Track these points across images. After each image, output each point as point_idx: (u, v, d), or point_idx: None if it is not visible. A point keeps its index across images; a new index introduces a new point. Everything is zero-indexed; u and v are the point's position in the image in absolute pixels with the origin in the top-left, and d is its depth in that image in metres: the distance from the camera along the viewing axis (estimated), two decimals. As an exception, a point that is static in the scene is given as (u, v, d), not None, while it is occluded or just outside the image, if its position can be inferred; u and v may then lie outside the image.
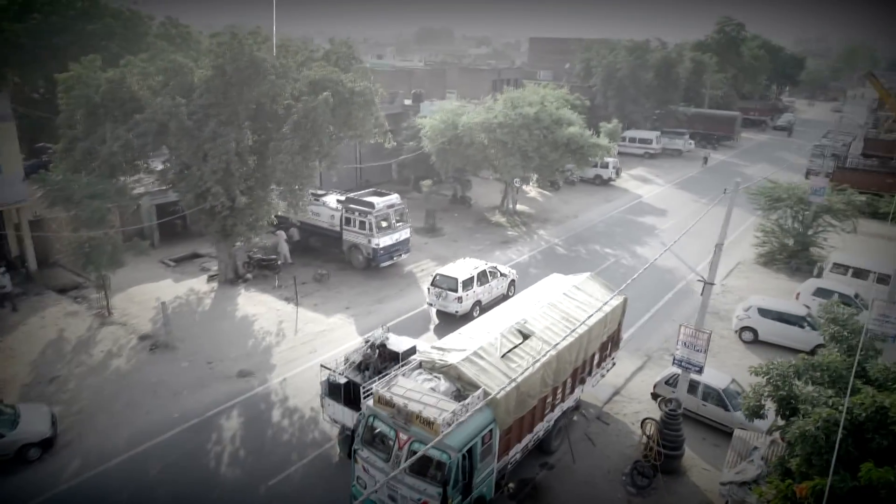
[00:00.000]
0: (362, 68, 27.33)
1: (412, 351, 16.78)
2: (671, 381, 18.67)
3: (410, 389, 13.06)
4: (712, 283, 15.58)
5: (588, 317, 16.87)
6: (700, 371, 16.06)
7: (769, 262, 32.11)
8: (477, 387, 13.33)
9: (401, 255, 29.80)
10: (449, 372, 13.78)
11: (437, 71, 63.89)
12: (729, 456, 14.22)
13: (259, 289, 27.13)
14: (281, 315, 24.74)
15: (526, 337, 15.43)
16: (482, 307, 24.61)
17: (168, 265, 29.36)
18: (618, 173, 49.82)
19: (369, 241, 28.46)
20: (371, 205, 28.38)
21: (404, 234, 29.79)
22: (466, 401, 12.75)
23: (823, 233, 31.82)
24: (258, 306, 25.47)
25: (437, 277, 24.70)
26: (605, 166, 47.66)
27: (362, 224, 28.52)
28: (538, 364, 14.52)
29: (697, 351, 15.80)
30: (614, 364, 19.60)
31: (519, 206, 41.12)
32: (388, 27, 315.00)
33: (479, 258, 31.49)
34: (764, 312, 23.52)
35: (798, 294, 26.15)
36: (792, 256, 31.54)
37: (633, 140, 60.24)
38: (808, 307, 25.18)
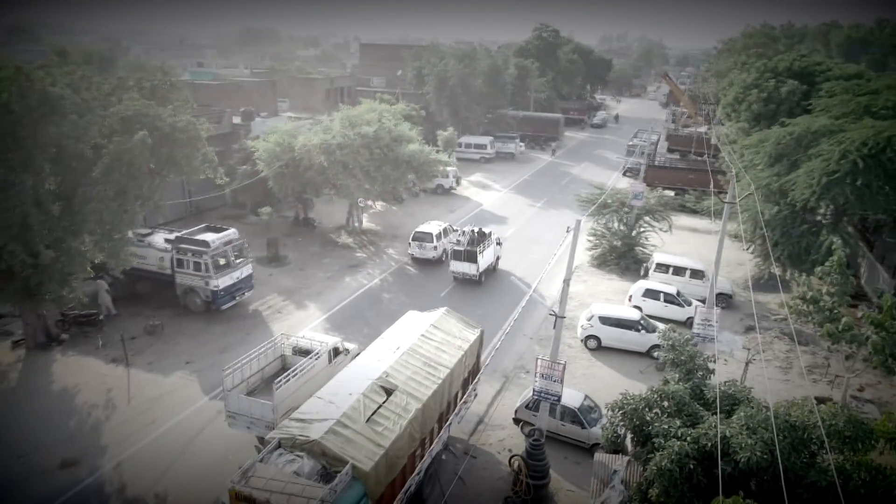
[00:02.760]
0: (184, 99, 24.86)
1: (491, 234, 32.38)
2: (531, 406, 19.21)
3: (271, 479, 11.95)
4: (563, 317, 16.16)
5: (449, 358, 16.81)
6: (558, 400, 16.63)
7: (602, 264, 34.56)
8: (344, 461, 12.53)
9: (244, 293, 27.79)
10: (312, 448, 12.82)
11: (266, 82, 60.82)
12: (592, 484, 14.83)
13: (79, 351, 23.78)
14: (109, 381, 21.83)
15: (389, 393, 14.88)
16: (447, 253, 33.03)
17: (-43, 333, 24.77)
18: (458, 182, 50.98)
19: (207, 283, 26.16)
20: (205, 243, 26.08)
21: (245, 270, 27.81)
22: (335, 482, 11.91)
23: (645, 233, 34.89)
24: (80, 374, 22.27)
25: (417, 234, 33.74)
26: (446, 176, 48.39)
27: (197, 265, 26.12)
28: (405, 422, 14.08)
29: (554, 381, 16.33)
30: (476, 395, 19.75)
31: (365, 224, 40.46)
32: (207, 26, 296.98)
33: (328, 286, 30.60)
34: (604, 320, 25.14)
35: (630, 297, 28.37)
36: (621, 257, 34.21)
37: (468, 146, 62.05)
38: (640, 308, 27.46)
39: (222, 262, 26.71)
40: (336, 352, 19.92)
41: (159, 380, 22.07)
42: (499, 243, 33.55)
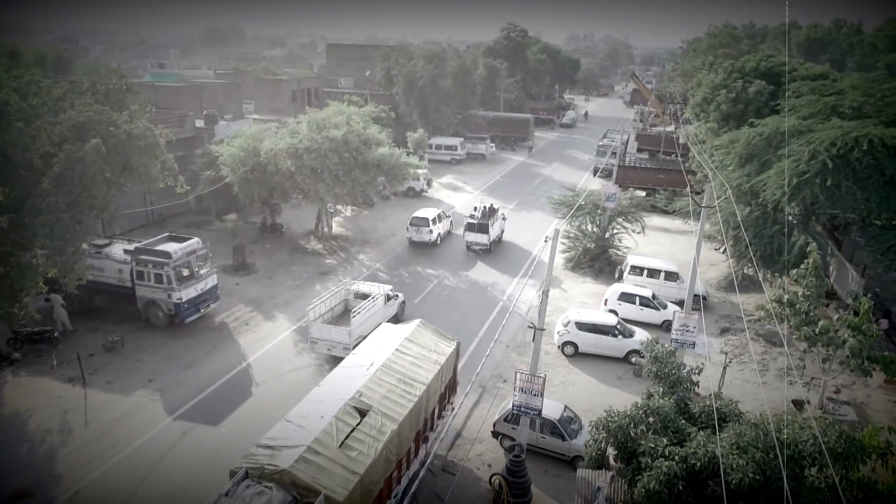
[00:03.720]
0: (141, 103, 23.66)
1: (499, 210, 37.65)
2: (510, 419, 18.67)
3: (238, 515, 11.16)
4: (542, 329, 15.63)
5: (425, 373, 16.18)
6: (539, 414, 16.10)
7: (575, 267, 34.22)
8: (316, 492, 11.79)
9: (209, 305, 26.70)
10: (282, 479, 12.04)
11: (231, 84, 59.21)
12: (576, 502, 14.34)
13: (32, 371, 22.45)
14: (65, 403, 20.62)
15: (363, 414, 14.16)
16: (441, 237, 37.57)
17: None
18: (429, 184, 50.29)
19: (169, 296, 25.03)
20: (167, 254, 24.93)
21: (210, 281, 26.71)
22: (306, 516, 11.19)
23: (618, 235, 34.69)
24: (33, 396, 20.99)
25: (414, 219, 36.78)
26: (417, 178, 47.68)
27: (158, 277, 24.97)
28: (380, 445, 13.39)
29: (534, 395, 15.79)
30: (454, 409, 19.14)
31: (335, 229, 39.54)
32: (171, 26, 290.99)
33: (297, 295, 29.66)
34: (581, 326, 24.77)
35: (606, 300, 28.07)
36: (595, 260, 33.94)
37: (439, 147, 61.40)
38: (615, 312, 27.21)
39: (185, 272, 25.61)
40: (388, 297, 25.34)
41: (119, 400, 20.95)
42: (504, 218, 38.93)
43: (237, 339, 25.48)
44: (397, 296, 26.51)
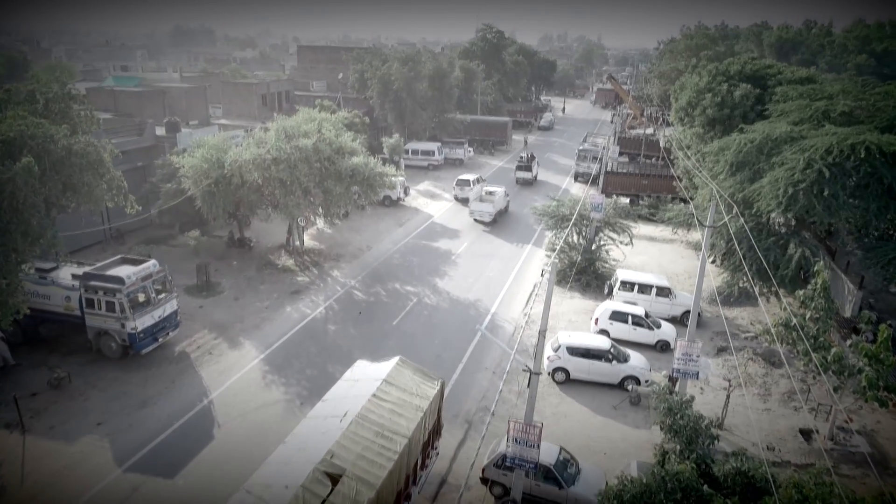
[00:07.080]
0: (87, 114, 21.33)
1: (535, 157, 57.19)
2: (500, 464, 16.88)
3: None
4: (538, 373, 13.88)
5: (406, 423, 14.31)
6: (535, 467, 14.35)
7: (562, 281, 32.51)
8: (279, 589, 9.89)
9: (168, 333, 24.41)
10: (237, 574, 10.12)
11: (197, 88, 56.35)
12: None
13: (-36, 416, 20.05)
14: (-1, 454, 18.33)
15: (336, 480, 12.23)
16: (480, 195, 44.43)
17: None
18: (406, 192, 48.31)
19: (123, 326, 22.72)
20: (119, 280, 22.59)
21: (170, 307, 24.42)
22: None
23: (605, 247, 33.13)
24: (-38, 446, 18.65)
25: (459, 180, 47.40)
26: (394, 186, 45.68)
27: (110, 305, 22.64)
28: (356, 520, 11.50)
29: (530, 447, 14.04)
30: (438, 454, 17.28)
31: (308, 242, 37.39)
32: (138, 26, 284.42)
33: (266, 318, 27.56)
34: (572, 350, 23.06)
35: (596, 319, 26.47)
36: (581, 273, 32.32)
37: (415, 152, 59.41)
38: (606, 332, 25.65)
39: (141, 299, 23.33)
40: (505, 193, 44.11)
41: (62, 448, 18.64)
42: (538, 164, 56.82)
43: (199, 371, 23.27)
44: (508, 194, 44.69)
